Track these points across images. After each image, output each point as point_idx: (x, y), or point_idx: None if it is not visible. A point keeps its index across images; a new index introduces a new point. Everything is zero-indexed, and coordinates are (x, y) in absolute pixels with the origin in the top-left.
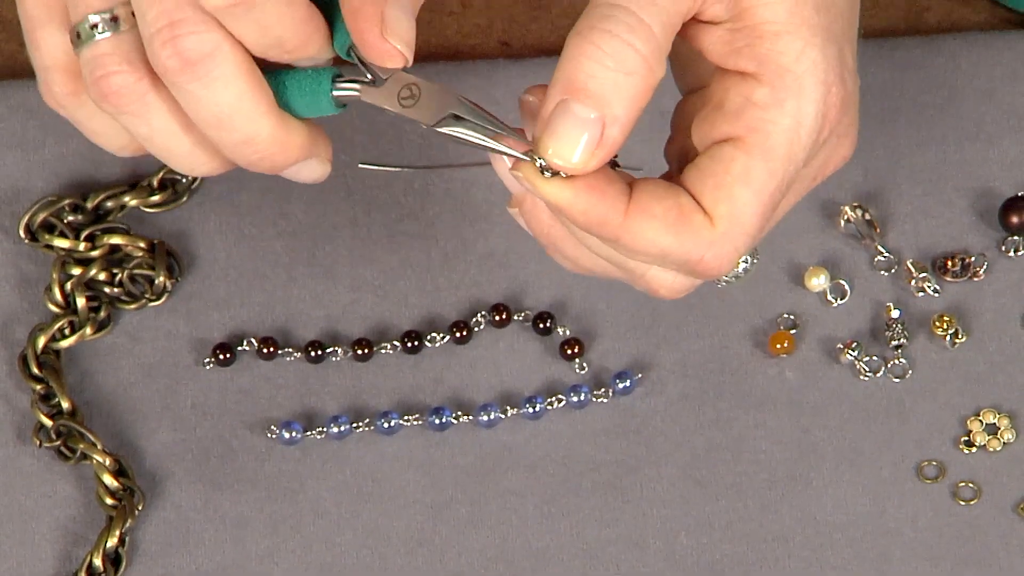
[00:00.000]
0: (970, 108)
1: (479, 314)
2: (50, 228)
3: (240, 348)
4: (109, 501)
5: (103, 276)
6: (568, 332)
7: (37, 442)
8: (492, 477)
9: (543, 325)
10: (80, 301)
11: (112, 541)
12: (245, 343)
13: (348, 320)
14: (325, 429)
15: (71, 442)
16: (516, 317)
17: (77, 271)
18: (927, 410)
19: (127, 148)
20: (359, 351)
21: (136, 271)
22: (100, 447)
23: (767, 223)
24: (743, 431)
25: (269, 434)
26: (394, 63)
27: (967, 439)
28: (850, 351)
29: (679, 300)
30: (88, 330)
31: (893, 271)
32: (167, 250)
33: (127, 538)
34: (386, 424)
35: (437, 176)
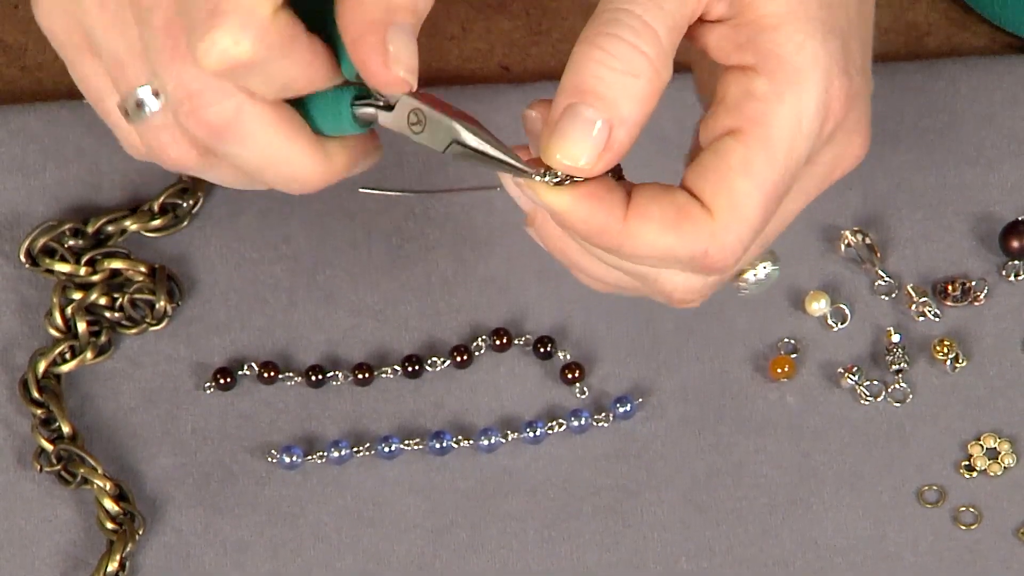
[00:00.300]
0: (970, 132)
1: (480, 338)
2: (51, 253)
3: (241, 372)
4: (110, 525)
5: (104, 300)
6: (568, 356)
7: (38, 467)
8: (493, 501)
9: (544, 349)
10: (81, 326)
11: (112, 566)
12: (246, 367)
13: (349, 344)
14: (325, 453)
15: (72, 467)
16: (517, 341)
17: (78, 296)
18: (928, 434)
19: None
20: (360, 375)
21: (137, 295)
22: (101, 472)
23: (770, 215)
24: (744, 455)
25: (270, 458)
26: (399, 90)
27: (968, 463)
28: (851, 375)
29: (680, 324)
30: (89, 355)
31: (894, 295)
32: (168, 274)
33: (128, 563)
34: (387, 448)
35: (438, 201)
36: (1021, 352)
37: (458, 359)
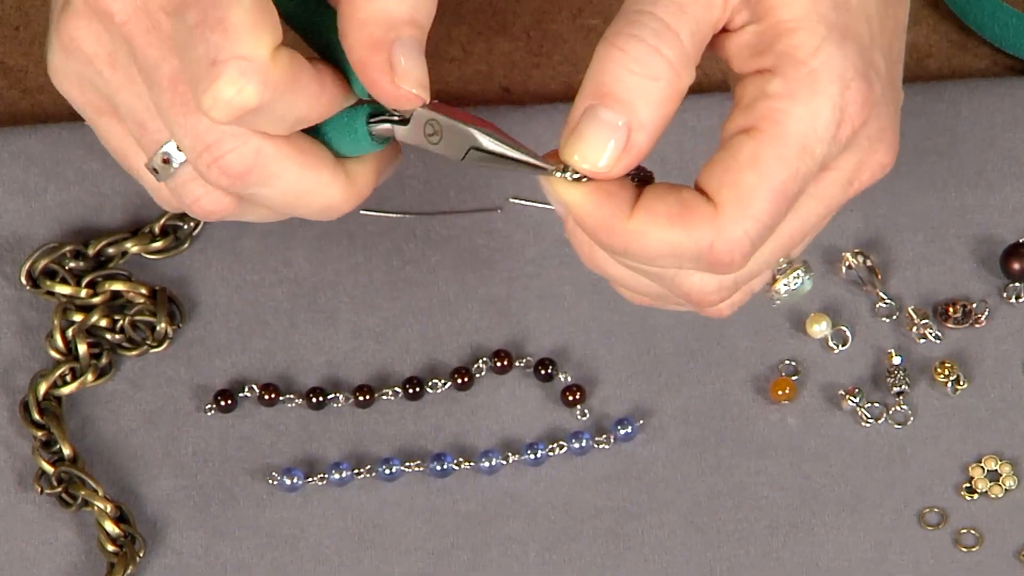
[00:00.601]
0: (971, 154)
1: (480, 360)
2: (52, 274)
3: (241, 394)
4: (110, 548)
5: (104, 322)
6: (569, 378)
7: (38, 489)
8: (493, 524)
9: (544, 372)
10: (81, 348)
11: None
12: (246, 389)
13: (349, 366)
14: (326, 476)
15: (72, 489)
16: (517, 363)
17: (78, 317)
18: (929, 457)
19: None
20: (360, 397)
21: (137, 317)
22: (101, 494)
23: (781, 214)
24: (745, 478)
25: (270, 480)
26: (412, 105)
27: (969, 486)
28: (852, 398)
29: (680, 346)
30: (89, 377)
31: (894, 318)
32: (168, 296)
33: None
34: (387, 471)
35: (439, 223)
36: (1022, 374)
37: (459, 381)
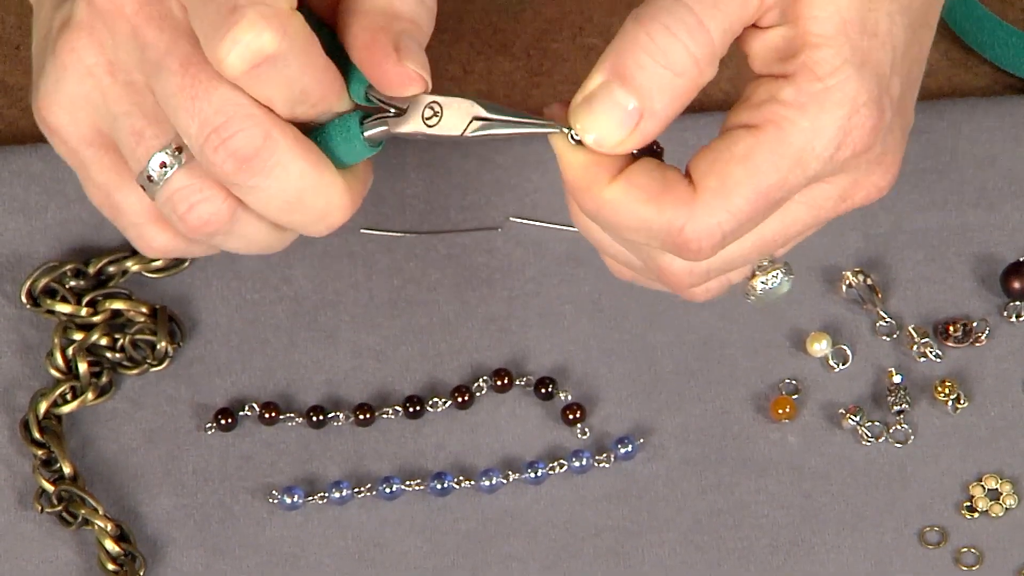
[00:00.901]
0: (972, 173)
1: (481, 379)
2: (52, 293)
3: (242, 413)
4: (111, 567)
5: (105, 341)
6: (570, 397)
7: (39, 507)
8: (494, 542)
9: (545, 390)
10: (82, 366)
11: None
12: (247, 408)
13: (350, 385)
14: (327, 494)
15: (72, 507)
16: (518, 382)
17: (79, 336)
18: (929, 475)
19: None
20: (361, 416)
21: (138, 336)
22: (102, 512)
23: (758, 216)
24: (745, 496)
25: (270, 499)
26: (415, 88)
27: (969, 504)
28: (852, 416)
29: (681, 364)
30: (90, 395)
31: (895, 336)
32: (169, 315)
33: None
34: (388, 489)
35: (439, 241)
36: (1022, 393)
37: (459, 400)
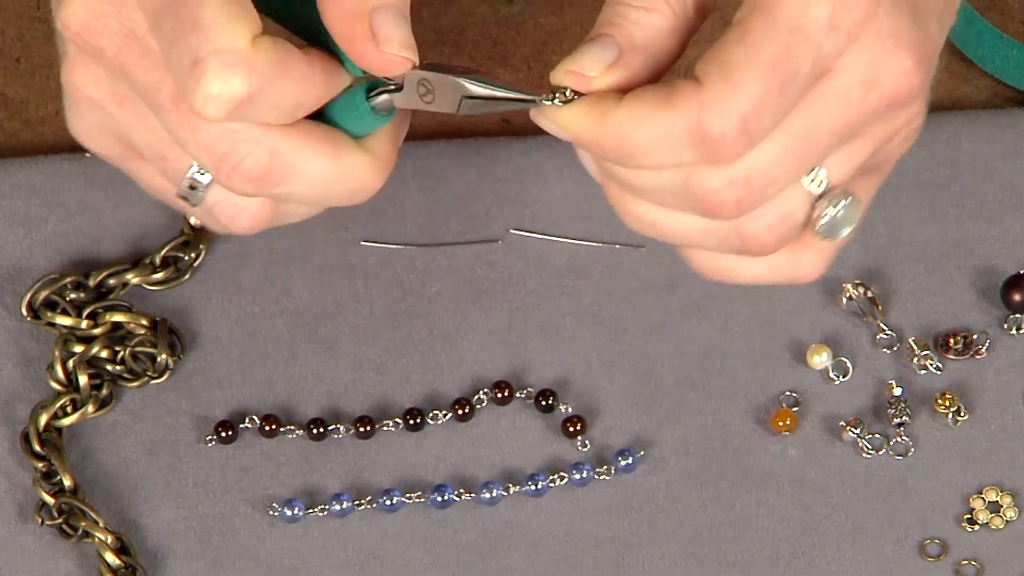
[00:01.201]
0: (972, 186)
1: (481, 391)
2: (52, 306)
3: (242, 425)
4: None
5: (105, 354)
6: (570, 409)
7: (39, 520)
8: (494, 555)
9: (545, 402)
10: (82, 379)
11: None
12: (247, 420)
13: (350, 397)
14: (327, 507)
15: (73, 520)
16: (518, 394)
17: (79, 349)
18: (930, 488)
19: None
20: (361, 428)
21: (138, 349)
22: (102, 525)
23: (774, 92)
24: (745, 509)
25: (271, 512)
26: (401, 69)
27: (970, 517)
28: (852, 429)
29: (681, 376)
30: (90, 408)
31: (895, 349)
32: (169, 328)
33: None
34: (388, 502)
35: (439, 254)
36: (1023, 406)
37: (459, 412)
